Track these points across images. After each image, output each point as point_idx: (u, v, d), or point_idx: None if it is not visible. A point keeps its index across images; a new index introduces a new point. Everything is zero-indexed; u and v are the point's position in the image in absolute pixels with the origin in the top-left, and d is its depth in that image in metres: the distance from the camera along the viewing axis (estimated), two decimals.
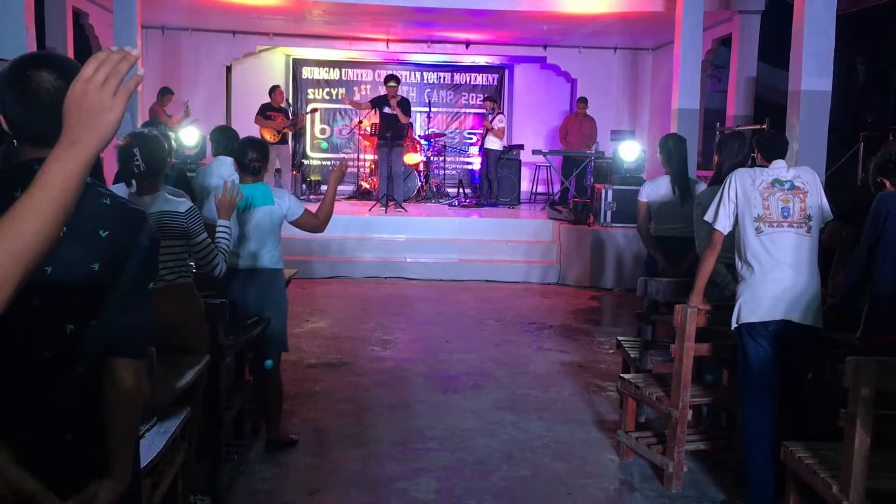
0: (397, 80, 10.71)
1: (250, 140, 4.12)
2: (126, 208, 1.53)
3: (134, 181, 3.25)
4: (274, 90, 11.30)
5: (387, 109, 10.37)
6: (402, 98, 10.65)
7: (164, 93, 10.64)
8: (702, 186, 5.08)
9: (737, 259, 3.52)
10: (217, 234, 3.54)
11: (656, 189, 5.06)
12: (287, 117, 11.16)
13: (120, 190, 3.89)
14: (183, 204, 3.33)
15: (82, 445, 1.53)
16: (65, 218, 1.15)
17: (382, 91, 10.96)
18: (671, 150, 5.06)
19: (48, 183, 1.13)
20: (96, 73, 1.15)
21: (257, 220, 3.93)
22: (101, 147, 1.16)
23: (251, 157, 3.95)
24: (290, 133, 11.31)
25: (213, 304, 3.38)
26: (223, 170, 4.75)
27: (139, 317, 1.56)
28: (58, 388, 1.49)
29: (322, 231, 4.22)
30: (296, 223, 4.10)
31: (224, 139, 4.96)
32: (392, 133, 10.33)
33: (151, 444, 2.32)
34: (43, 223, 1.12)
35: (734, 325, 3.46)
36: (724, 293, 3.99)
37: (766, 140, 3.96)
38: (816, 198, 3.48)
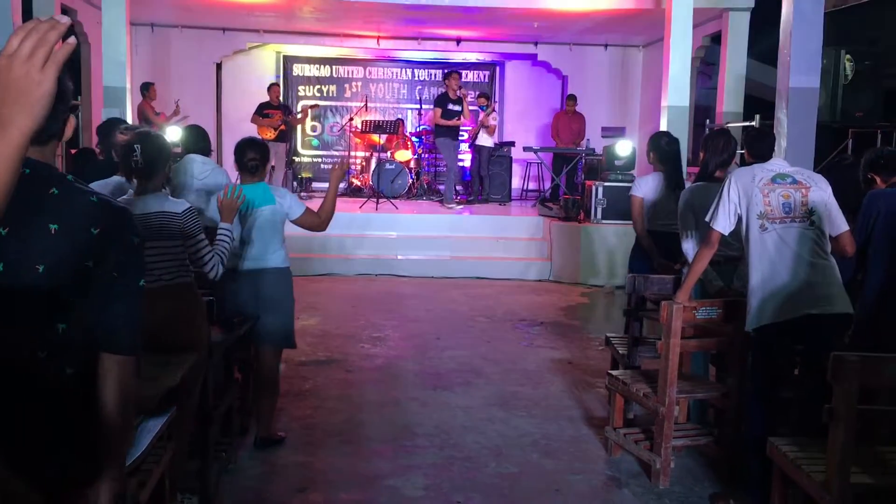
0: (458, 73, 10.93)
1: (249, 140, 4.15)
2: (112, 206, 1.51)
3: (134, 179, 3.28)
4: (270, 88, 11.30)
5: (451, 106, 10.51)
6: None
7: (147, 87, 10.53)
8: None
9: (748, 259, 3.43)
10: (217, 237, 3.54)
11: (650, 186, 5.05)
12: (285, 114, 11.14)
13: (110, 185, 3.89)
14: (180, 205, 3.32)
15: (71, 447, 1.50)
16: (2, 204, 1.08)
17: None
18: (665, 150, 5.07)
19: None
20: (21, 47, 1.06)
21: (261, 221, 3.94)
22: (34, 125, 1.07)
23: (250, 157, 3.97)
24: (287, 130, 11.25)
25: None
26: (193, 168, 4.79)
27: (131, 313, 1.54)
28: (49, 388, 1.46)
29: (324, 230, 4.23)
30: (297, 222, 4.10)
31: (193, 138, 5.04)
32: (455, 130, 10.69)
33: (137, 442, 2.32)
34: None
35: (752, 327, 3.39)
36: (707, 290, 4.01)
37: (753, 138, 3.91)
38: (820, 195, 3.39)
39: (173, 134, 9.16)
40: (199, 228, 3.35)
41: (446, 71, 11.19)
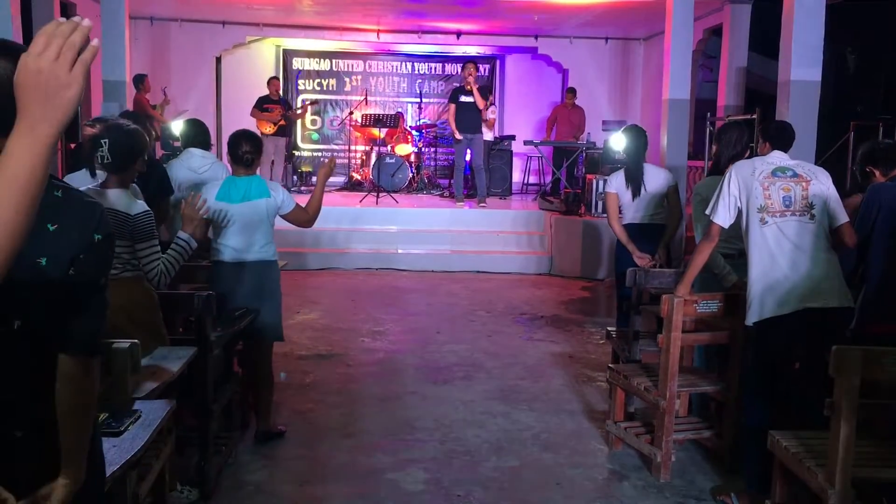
0: (475, 64, 10.51)
1: (243, 133, 4.11)
2: (79, 201, 1.46)
3: (104, 172, 3.19)
4: (270, 81, 11.26)
5: (463, 98, 10.15)
6: (482, 86, 10.51)
7: (141, 79, 10.42)
8: (659, 172, 5.17)
9: (748, 253, 3.41)
10: (172, 246, 3.39)
11: (621, 181, 5.12)
12: (285, 109, 11.09)
13: (82, 178, 3.80)
14: (136, 206, 3.17)
15: (34, 443, 1.49)
16: (34, 207, 1.09)
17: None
18: (626, 143, 5.17)
19: (13, 172, 1.07)
20: (48, 48, 1.06)
21: (254, 213, 3.94)
22: (63, 127, 1.09)
23: (244, 150, 3.95)
24: (286, 124, 11.21)
25: (200, 296, 3.37)
26: (193, 162, 4.82)
27: (92, 313, 1.50)
28: (5, 384, 1.44)
29: (310, 226, 4.30)
30: (287, 217, 4.12)
31: (193, 132, 5.04)
32: (472, 122, 10.15)
33: (136, 436, 2.31)
34: (12, 215, 1.06)
35: (752, 321, 3.37)
36: (722, 284, 3.98)
37: (775, 130, 3.86)
38: (821, 188, 3.36)
39: (176, 128, 9.16)
40: (150, 233, 3.19)
41: (463, 63, 10.81)
